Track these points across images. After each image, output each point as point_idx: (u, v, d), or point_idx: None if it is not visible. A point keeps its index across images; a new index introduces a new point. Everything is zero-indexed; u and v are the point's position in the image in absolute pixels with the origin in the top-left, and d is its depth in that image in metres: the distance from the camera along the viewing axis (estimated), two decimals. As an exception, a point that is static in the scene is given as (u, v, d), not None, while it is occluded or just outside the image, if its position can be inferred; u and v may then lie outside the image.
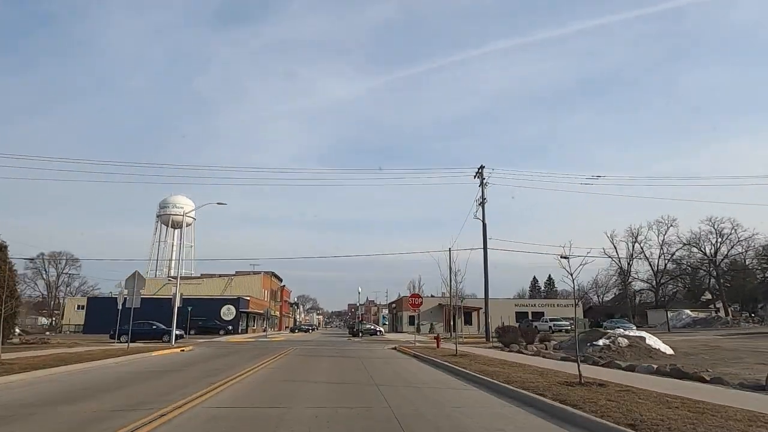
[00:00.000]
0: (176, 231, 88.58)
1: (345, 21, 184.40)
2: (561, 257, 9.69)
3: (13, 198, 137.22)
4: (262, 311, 69.47)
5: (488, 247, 31.78)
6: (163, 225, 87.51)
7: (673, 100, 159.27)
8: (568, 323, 49.13)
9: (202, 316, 51.04)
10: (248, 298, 58.92)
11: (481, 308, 66.53)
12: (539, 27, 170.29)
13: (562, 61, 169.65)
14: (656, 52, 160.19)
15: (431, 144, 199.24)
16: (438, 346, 21.75)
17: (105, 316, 48.89)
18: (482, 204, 32.02)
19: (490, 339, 31.26)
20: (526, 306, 65.65)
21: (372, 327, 55.27)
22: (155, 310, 39.13)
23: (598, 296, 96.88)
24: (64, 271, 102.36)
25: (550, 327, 46.59)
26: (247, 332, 57.35)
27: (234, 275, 74.71)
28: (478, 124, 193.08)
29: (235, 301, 53.41)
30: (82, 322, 54.92)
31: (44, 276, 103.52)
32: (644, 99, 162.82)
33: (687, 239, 72.12)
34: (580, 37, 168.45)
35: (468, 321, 65.87)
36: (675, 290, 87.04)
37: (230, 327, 50.75)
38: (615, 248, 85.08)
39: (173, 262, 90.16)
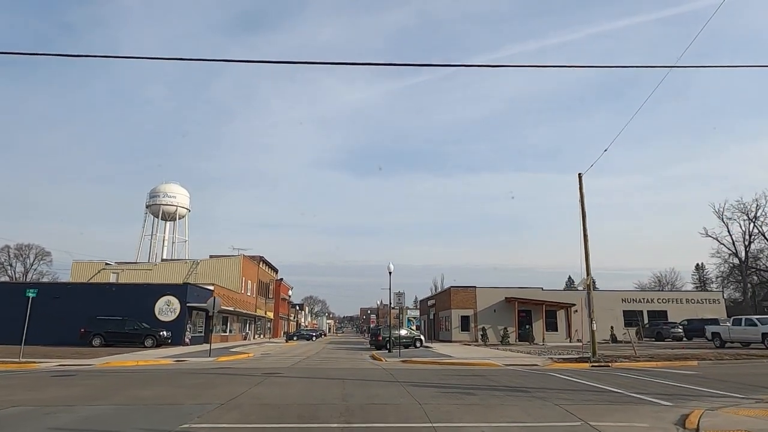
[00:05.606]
0: (168, 224, 74.87)
1: (360, 27, 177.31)
2: None
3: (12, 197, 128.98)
4: (243, 309, 47.80)
5: None
6: (153, 217, 72.70)
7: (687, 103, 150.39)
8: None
9: (117, 315, 29.45)
10: (211, 287, 37.03)
11: (573, 305, 43.58)
12: (555, 31, 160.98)
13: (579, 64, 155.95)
14: (674, 55, 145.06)
15: (447, 148, 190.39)
16: None
17: None
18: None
19: None
20: (641, 302, 42.94)
21: (410, 333, 33.18)
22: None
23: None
24: (33, 267, 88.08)
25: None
26: (208, 341, 35.44)
27: (206, 259, 53.34)
28: (493, 128, 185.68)
29: (181, 290, 31.45)
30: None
31: (9, 272, 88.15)
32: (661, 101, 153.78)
33: None
34: (597, 41, 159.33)
35: (552, 325, 43.07)
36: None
37: (165, 333, 28.81)
38: (727, 228, 62.67)
39: (163, 257, 74.50)
